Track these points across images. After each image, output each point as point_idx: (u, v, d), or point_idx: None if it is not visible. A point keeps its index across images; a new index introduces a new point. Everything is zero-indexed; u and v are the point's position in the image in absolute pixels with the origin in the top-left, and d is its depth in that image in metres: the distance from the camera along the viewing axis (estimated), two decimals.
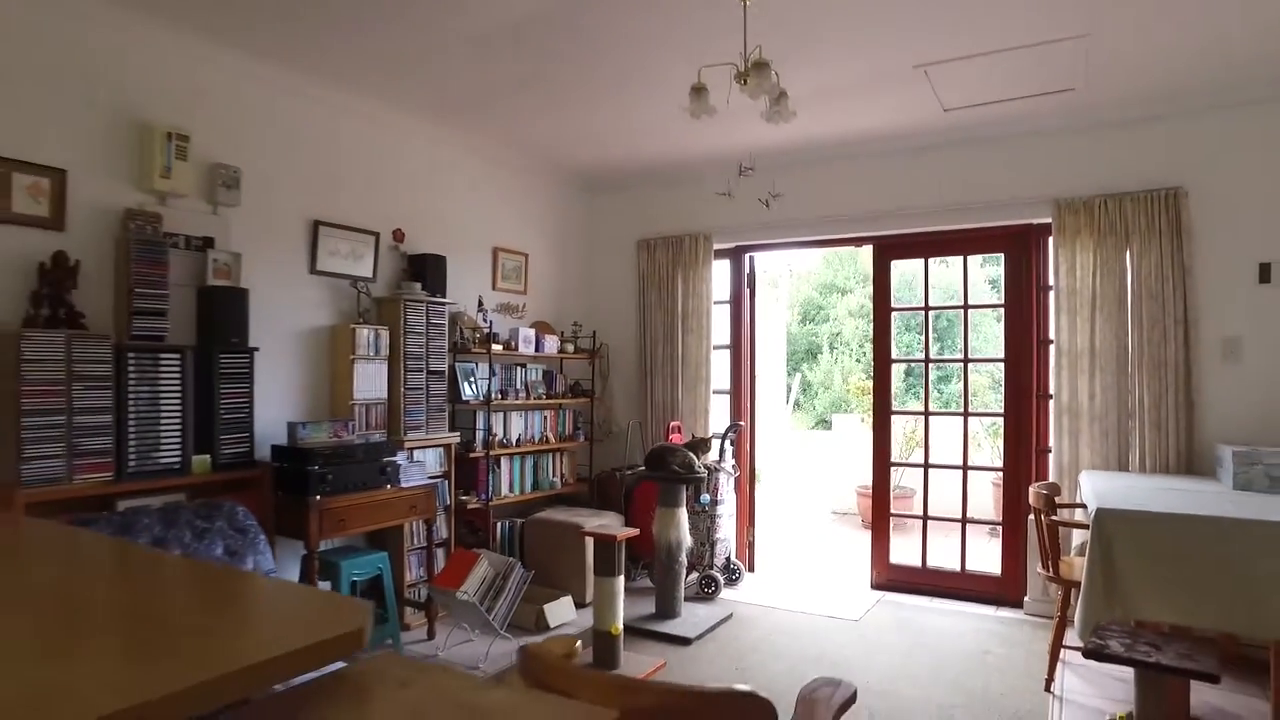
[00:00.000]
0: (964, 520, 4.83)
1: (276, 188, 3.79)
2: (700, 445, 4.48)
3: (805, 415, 12.07)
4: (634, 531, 3.86)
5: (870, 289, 5.10)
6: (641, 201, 5.66)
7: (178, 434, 3.26)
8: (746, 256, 5.45)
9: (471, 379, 4.61)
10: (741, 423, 5.24)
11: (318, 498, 3.43)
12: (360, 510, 3.62)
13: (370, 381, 4.02)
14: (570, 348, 5.33)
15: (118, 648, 1.03)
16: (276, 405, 3.75)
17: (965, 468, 4.88)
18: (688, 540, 4.31)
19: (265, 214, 3.74)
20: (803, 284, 13.14)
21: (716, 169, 5.13)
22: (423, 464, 4.10)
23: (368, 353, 4.00)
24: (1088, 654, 2.54)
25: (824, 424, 11.43)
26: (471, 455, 4.51)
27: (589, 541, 4.16)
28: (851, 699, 1.53)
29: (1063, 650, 3.44)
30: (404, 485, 3.83)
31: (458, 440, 4.42)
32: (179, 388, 3.27)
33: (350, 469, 3.59)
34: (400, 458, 3.89)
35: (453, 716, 1.03)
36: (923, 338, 5.36)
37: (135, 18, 3.21)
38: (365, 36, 3.40)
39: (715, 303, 5.35)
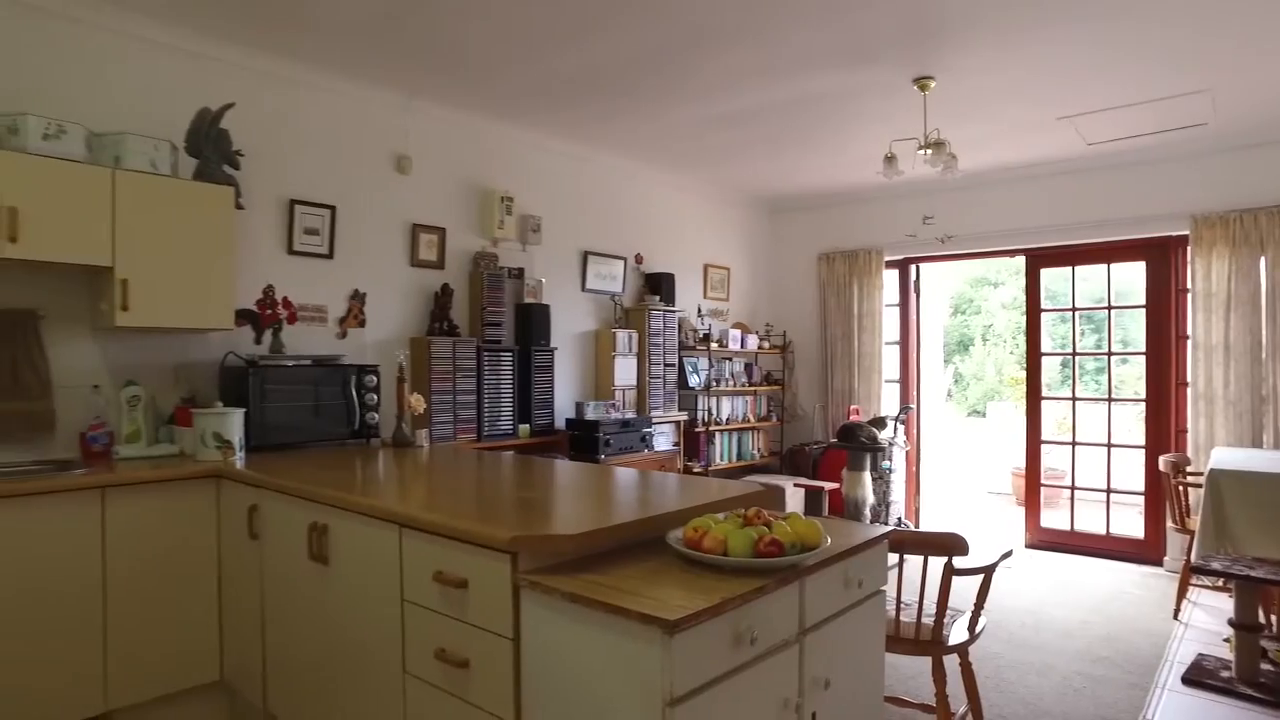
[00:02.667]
0: (1108, 490, 5.64)
1: (562, 229, 5.18)
2: (878, 423, 5.55)
3: (958, 405, 12.68)
4: (835, 485, 5.00)
5: (1024, 281, 5.96)
6: (822, 220, 6.76)
7: (510, 408, 4.69)
8: (912, 267, 6.44)
9: (694, 370, 5.89)
10: (911, 405, 6.25)
11: (603, 457, 4.78)
12: (631, 466, 4.95)
13: (625, 372, 5.36)
14: (764, 344, 6.51)
15: (514, 506, 2.31)
16: (565, 389, 5.15)
17: (1109, 445, 5.68)
18: (870, 498, 5.39)
19: (556, 249, 5.14)
20: (954, 276, 13.66)
21: (888, 193, 6.15)
22: (666, 435, 5.40)
23: (623, 350, 5.34)
24: (1194, 569, 3.46)
25: (977, 413, 12.03)
26: (695, 430, 5.78)
27: (793, 497, 5.32)
28: None
29: (1190, 589, 4.29)
30: (656, 450, 5.14)
31: (685, 418, 5.71)
32: (511, 376, 4.69)
33: (622, 436, 4.92)
34: (652, 429, 5.21)
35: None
36: (1081, 330, 6.14)
37: (490, 123, 4.65)
38: (638, 118, 4.70)
39: (886, 305, 6.37)
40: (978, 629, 2.53)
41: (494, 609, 1.84)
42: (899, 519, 5.96)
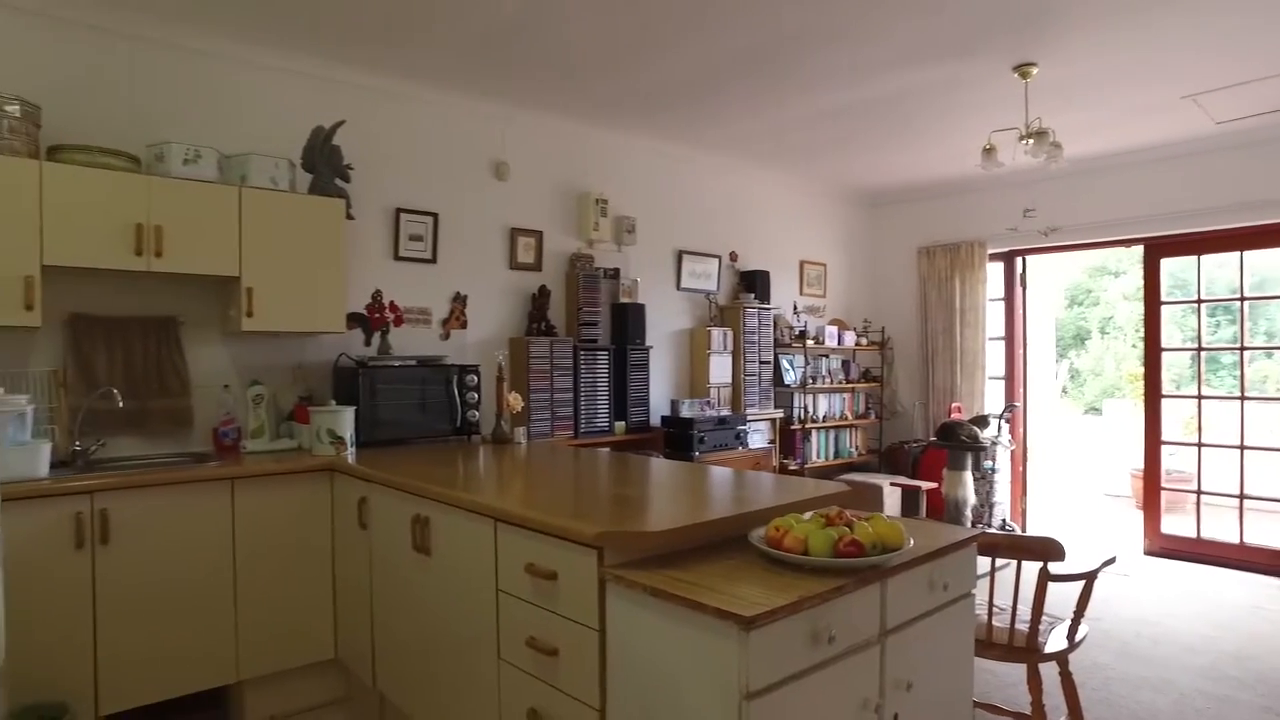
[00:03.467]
0: (1241, 495, 5.25)
1: (656, 229, 5.25)
2: (981, 421, 5.36)
3: (1074, 401, 12.03)
4: (934, 485, 4.88)
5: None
6: (922, 213, 6.57)
7: (606, 406, 4.80)
8: (1018, 260, 6.17)
9: (790, 367, 5.85)
10: (1016, 404, 6.00)
11: (697, 454, 4.82)
12: (725, 464, 4.98)
13: (720, 369, 5.38)
14: (862, 340, 6.39)
15: (610, 502, 2.34)
16: (660, 387, 5.22)
17: (1242, 447, 5.28)
18: (971, 498, 5.22)
19: (650, 249, 5.21)
20: (1069, 266, 12.95)
21: (991, 183, 5.92)
22: (760, 432, 5.40)
23: (718, 348, 5.37)
24: None
25: (1094, 410, 11.39)
26: (790, 428, 5.75)
27: (890, 496, 5.22)
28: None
29: None
30: (751, 447, 5.15)
31: (781, 415, 5.68)
32: (606, 374, 4.80)
33: (717, 434, 4.95)
34: (747, 427, 5.21)
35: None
36: (1216, 322, 5.73)
37: (585, 127, 4.76)
38: (734, 117, 4.71)
39: (989, 300, 6.13)
40: (1078, 637, 2.44)
41: (581, 601, 1.92)
42: (1003, 521, 5.74)
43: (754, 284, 5.63)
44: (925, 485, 4.86)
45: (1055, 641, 2.41)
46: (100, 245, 2.94)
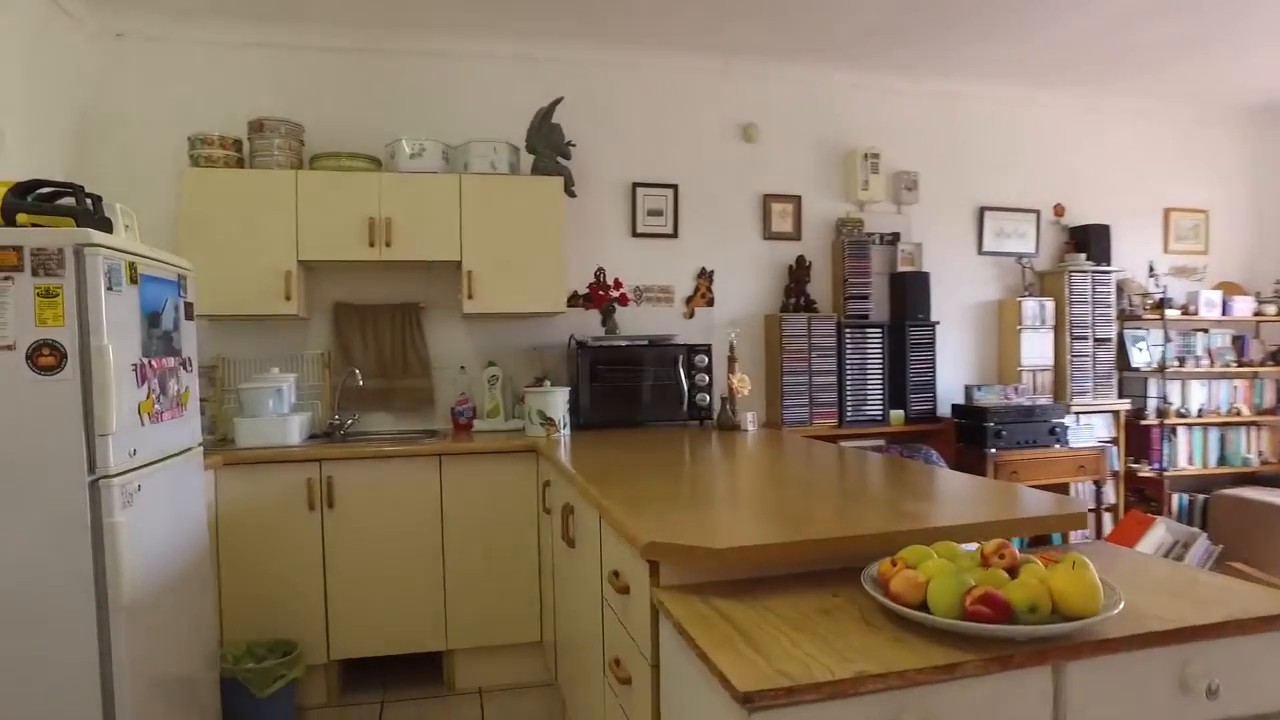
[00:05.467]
0: None
1: (946, 183, 4.39)
2: None
3: None
4: None
5: None
6: None
7: (879, 392, 4.13)
8: None
9: (1141, 345, 4.51)
10: None
11: (993, 450, 3.92)
12: (1031, 465, 3.99)
13: (1036, 349, 4.33)
14: (1270, 309, 4.68)
15: (879, 502, 1.69)
16: (952, 370, 4.37)
17: None
18: None
19: (939, 207, 4.38)
20: None
21: None
22: (1090, 428, 4.24)
23: (1033, 323, 4.32)
24: None
25: None
26: (1142, 423, 4.43)
27: None
28: None
29: None
30: (1072, 446, 4.05)
31: (1128, 407, 4.40)
32: (880, 355, 4.13)
33: (1021, 427, 3.98)
34: (1068, 420, 4.12)
35: (1164, 579, 1.40)
36: None
37: (842, 73, 4.15)
38: (1031, 29, 3.71)
39: None
40: None
41: (641, 625, 1.54)
42: None
43: (1087, 242, 4.42)
44: None
45: None
46: (341, 239, 3.24)
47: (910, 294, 4.17)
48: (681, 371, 3.61)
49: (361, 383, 3.43)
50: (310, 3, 3.29)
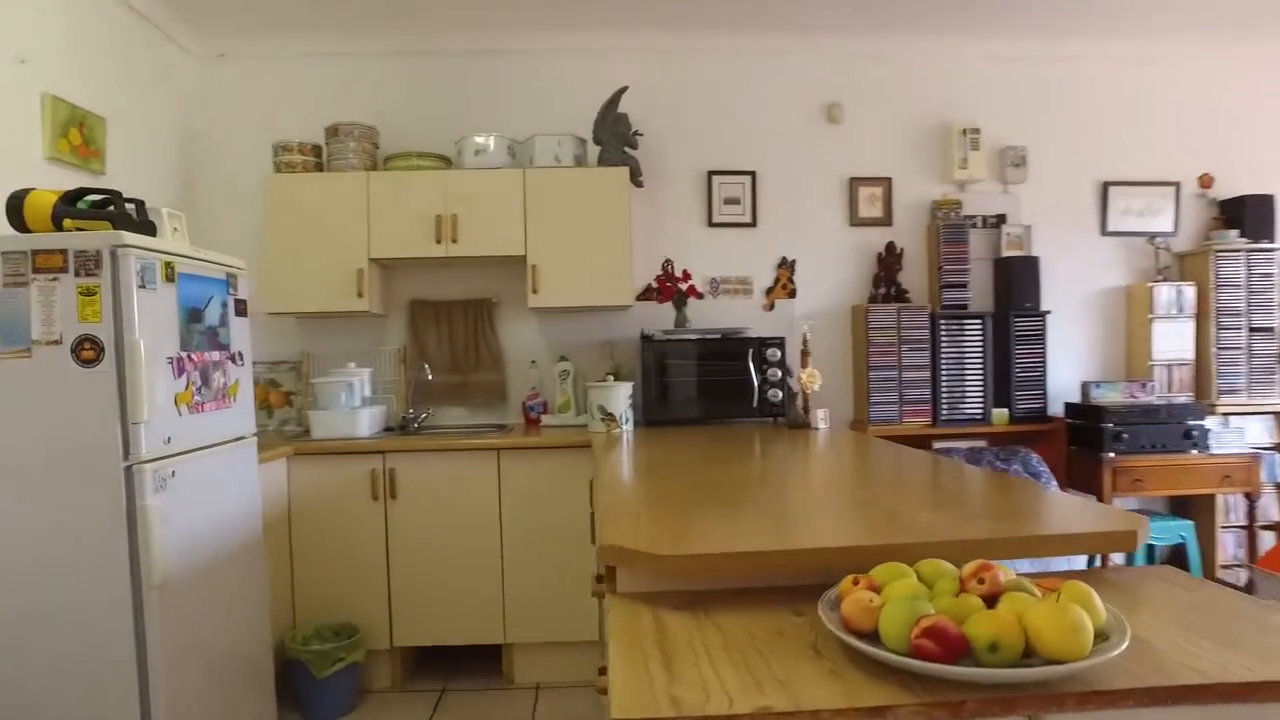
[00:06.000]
0: None
1: (1060, 157, 3.95)
2: None
3: None
4: None
5: None
6: None
7: (980, 389, 3.78)
8: None
9: None
10: None
11: (1111, 455, 3.49)
12: (1160, 473, 3.52)
13: (1172, 341, 3.82)
14: None
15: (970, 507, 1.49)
16: (1067, 365, 3.94)
17: None
18: None
19: (1052, 186, 3.95)
20: None
21: None
22: (1241, 431, 3.68)
23: (1167, 311, 3.81)
24: None
25: None
26: None
27: None
28: None
29: None
30: (1215, 452, 3.54)
31: None
32: (980, 349, 3.78)
33: (1148, 429, 3.52)
34: (1210, 422, 3.60)
35: (1228, 621, 1.14)
36: None
37: (935, 40, 3.82)
38: None
39: None
40: None
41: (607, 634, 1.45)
42: None
43: (1242, 216, 3.83)
44: None
45: None
46: (409, 237, 3.32)
47: (1016, 281, 3.79)
48: (752, 366, 3.45)
49: (430, 377, 3.51)
50: (386, 10, 3.39)
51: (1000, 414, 3.76)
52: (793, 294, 3.87)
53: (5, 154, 2.49)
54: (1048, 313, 3.79)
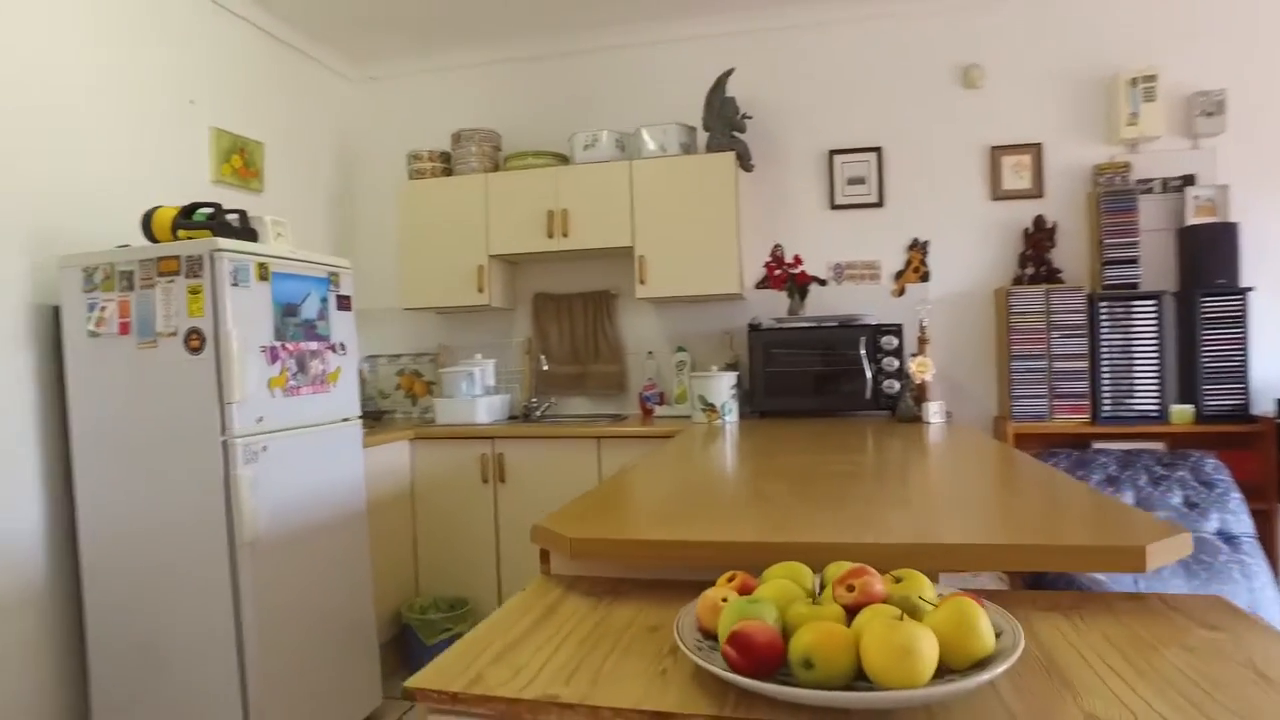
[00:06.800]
0: None
1: (1269, 99, 3.27)
2: None
3: None
4: None
5: None
6: None
7: (1154, 381, 3.24)
8: None
9: None
10: None
11: None
12: None
13: None
14: None
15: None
16: (1276, 354, 3.26)
17: None
18: None
19: (1261, 136, 3.28)
20: None
21: None
22: None
23: None
24: None
25: None
26: None
27: None
28: None
29: None
30: None
31: None
32: (1154, 334, 3.24)
33: None
34: None
35: (1241, 674, 0.92)
36: None
37: None
38: None
39: None
40: None
41: None
42: None
43: None
44: None
45: None
46: (523, 233, 3.49)
47: (1205, 253, 3.20)
48: (865, 355, 3.23)
49: (546, 367, 3.66)
50: (517, 20, 3.59)
51: (1183, 411, 3.20)
52: (925, 277, 3.57)
53: (179, 180, 2.96)
54: (1250, 290, 3.16)
